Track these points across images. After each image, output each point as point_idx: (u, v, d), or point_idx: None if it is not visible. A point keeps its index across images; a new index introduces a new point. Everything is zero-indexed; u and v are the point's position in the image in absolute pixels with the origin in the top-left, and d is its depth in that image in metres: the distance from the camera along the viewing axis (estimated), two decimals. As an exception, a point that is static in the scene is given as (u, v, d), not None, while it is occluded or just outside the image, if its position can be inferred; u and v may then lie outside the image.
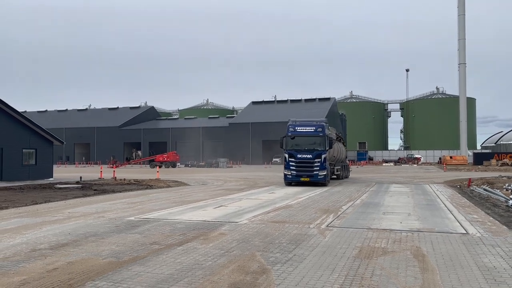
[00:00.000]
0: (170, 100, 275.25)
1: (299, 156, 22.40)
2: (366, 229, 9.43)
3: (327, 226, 9.84)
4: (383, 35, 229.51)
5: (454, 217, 11.31)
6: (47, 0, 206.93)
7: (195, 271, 6.08)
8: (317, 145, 22.51)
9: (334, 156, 26.64)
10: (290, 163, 22.52)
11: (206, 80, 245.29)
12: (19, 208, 13.65)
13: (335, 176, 27.00)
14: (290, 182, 22.85)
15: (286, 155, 22.80)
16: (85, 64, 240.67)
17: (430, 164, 78.69)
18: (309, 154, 22.28)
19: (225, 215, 11.61)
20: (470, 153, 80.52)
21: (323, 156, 22.18)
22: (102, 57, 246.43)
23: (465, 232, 9.06)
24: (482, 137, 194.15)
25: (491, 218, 10.94)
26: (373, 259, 6.77)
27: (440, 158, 78.75)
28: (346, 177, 30.98)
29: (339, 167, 28.66)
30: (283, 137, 23.08)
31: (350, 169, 34.64)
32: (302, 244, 7.84)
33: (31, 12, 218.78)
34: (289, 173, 22.54)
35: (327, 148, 22.50)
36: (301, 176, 22.23)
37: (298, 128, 23.10)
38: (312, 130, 22.84)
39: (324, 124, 23.47)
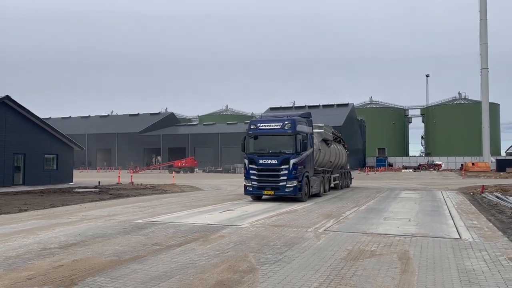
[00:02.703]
0: (190, 106, 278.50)
1: (261, 161, 17.29)
2: (362, 233, 9.71)
3: (324, 230, 10.16)
4: (402, 39, 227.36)
5: (454, 223, 11.45)
6: (66, 5, 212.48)
7: (188, 269, 6.54)
8: (285, 146, 17.22)
9: (331, 162, 22.91)
10: (251, 171, 17.49)
11: (226, 86, 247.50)
12: (38, 210, 14.44)
13: (332, 186, 23.40)
14: (259, 196, 17.93)
15: (246, 161, 17.78)
16: (106, 70, 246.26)
17: (451, 170, 77.41)
18: (274, 159, 17.10)
19: (229, 219, 12.05)
20: (493, 159, 78.85)
21: (291, 162, 16.86)
22: (123, 64, 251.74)
23: (458, 237, 9.25)
24: (507, 143, 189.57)
25: (490, 224, 11.06)
26: (358, 261, 7.08)
27: (462, 165, 77.37)
28: (347, 186, 27.14)
29: (338, 174, 24.58)
30: (244, 137, 18.09)
31: (353, 177, 30.38)
32: (295, 247, 8.20)
33: (50, 18, 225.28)
34: (249, 184, 17.56)
35: (299, 151, 17.13)
36: (264, 188, 17.29)
37: (262, 125, 17.72)
38: (279, 127, 17.35)
39: (296, 118, 17.79)
